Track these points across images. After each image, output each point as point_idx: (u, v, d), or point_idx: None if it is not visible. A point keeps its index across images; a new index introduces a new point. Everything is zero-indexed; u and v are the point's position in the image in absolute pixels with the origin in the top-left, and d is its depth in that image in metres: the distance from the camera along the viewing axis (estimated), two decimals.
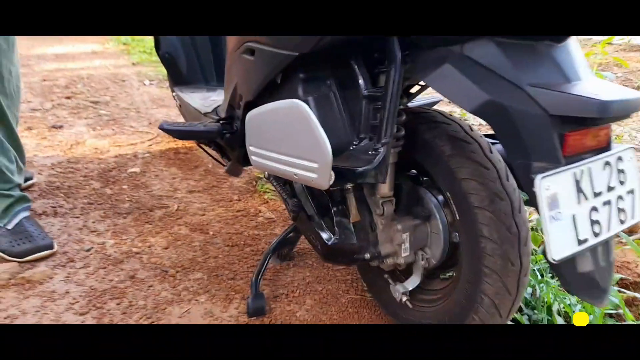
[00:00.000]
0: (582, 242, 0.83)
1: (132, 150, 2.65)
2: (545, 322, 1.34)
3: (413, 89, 1.20)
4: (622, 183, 0.88)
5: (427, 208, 1.16)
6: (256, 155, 1.11)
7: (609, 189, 0.87)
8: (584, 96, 0.77)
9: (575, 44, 0.90)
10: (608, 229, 0.86)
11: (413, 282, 1.22)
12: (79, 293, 1.49)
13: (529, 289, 1.42)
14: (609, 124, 0.87)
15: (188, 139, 1.55)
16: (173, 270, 1.60)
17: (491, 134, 1.26)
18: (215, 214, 1.99)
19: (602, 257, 0.88)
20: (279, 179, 1.28)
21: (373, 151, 0.95)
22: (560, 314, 1.37)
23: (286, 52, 1.02)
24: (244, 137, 1.21)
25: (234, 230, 1.87)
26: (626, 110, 0.80)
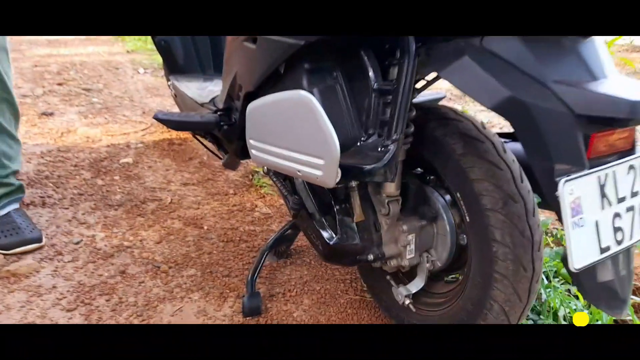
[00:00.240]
0: (605, 250, 0.78)
1: (124, 140, 2.57)
2: None
3: (418, 83, 1.15)
4: None
5: (434, 208, 1.11)
6: (256, 149, 1.05)
7: (633, 194, 0.82)
8: (613, 95, 0.72)
9: (600, 39, 0.85)
10: (631, 237, 0.81)
11: (417, 285, 1.17)
12: (66, 288, 1.42)
13: None
14: (635, 125, 0.82)
15: (183, 129, 1.49)
16: (165, 266, 1.54)
17: (503, 133, 1.21)
18: (210, 208, 1.93)
19: (623, 265, 0.83)
20: (278, 174, 1.22)
21: (382, 148, 0.89)
22: (565, 319, 1.33)
23: (291, 41, 0.96)
24: (243, 129, 1.15)
25: (229, 225, 1.81)
26: None
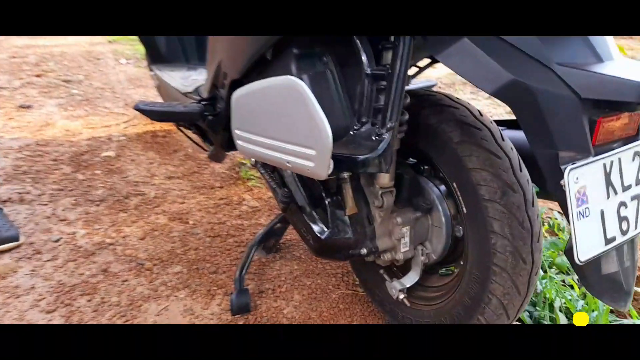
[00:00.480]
0: (610, 240, 0.75)
1: (106, 132, 2.49)
2: (547, 319, 1.27)
3: (410, 70, 1.10)
4: None
5: (428, 199, 1.07)
6: (243, 139, 0.99)
7: (638, 182, 0.78)
8: (620, 78, 0.68)
9: None
10: (636, 226, 0.78)
11: (411, 279, 1.13)
12: (45, 288, 1.36)
13: None
14: None
15: (166, 120, 1.42)
16: (150, 263, 1.48)
17: (499, 120, 1.17)
18: (195, 202, 1.87)
19: (628, 256, 0.80)
20: (266, 166, 1.17)
21: (377, 137, 0.85)
22: (561, 310, 1.30)
23: None
24: (229, 119, 1.09)
25: (215, 219, 1.75)
26: None
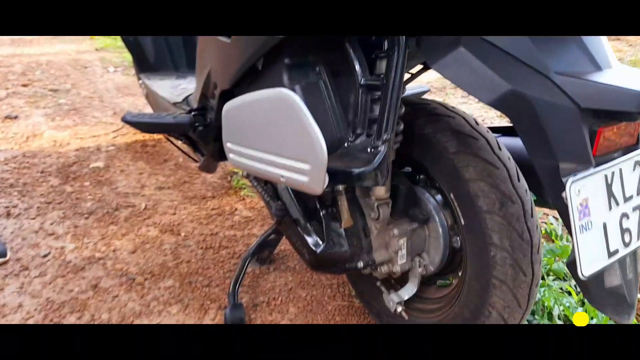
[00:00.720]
0: (613, 253, 0.73)
1: (95, 142, 2.45)
2: None
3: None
4: None
5: (425, 210, 1.05)
6: (235, 153, 0.97)
7: (639, 192, 0.77)
8: (621, 87, 0.67)
9: None
10: (638, 237, 0.77)
11: (409, 291, 1.11)
12: (33, 306, 1.32)
13: None
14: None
15: (156, 132, 1.40)
16: (141, 278, 1.45)
17: (493, 128, 1.16)
18: (187, 212, 1.84)
19: (630, 268, 0.78)
20: (260, 178, 1.14)
21: (372, 149, 0.83)
22: (560, 318, 1.29)
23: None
24: (219, 129, 1.07)
25: (208, 230, 1.72)
26: None
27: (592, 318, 1.27)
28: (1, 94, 3.08)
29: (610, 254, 0.72)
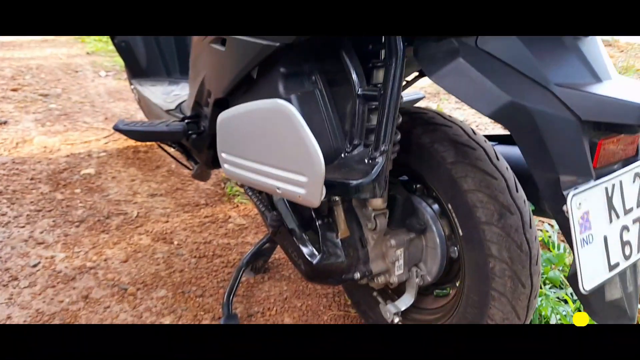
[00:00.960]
0: (614, 267, 0.72)
1: (85, 148, 2.42)
2: None
3: None
4: None
5: (422, 220, 1.03)
6: (229, 163, 0.95)
7: (639, 204, 0.76)
8: (621, 100, 0.66)
9: (598, 37, 0.79)
10: (638, 250, 0.76)
11: (406, 302, 1.10)
12: (23, 318, 1.29)
13: None
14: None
15: (148, 140, 1.38)
16: (133, 288, 1.43)
17: (489, 136, 1.15)
18: (180, 220, 1.81)
19: (630, 281, 0.78)
20: (254, 188, 1.12)
21: (370, 160, 0.81)
22: None
23: (265, 42, 0.87)
24: (213, 137, 1.05)
25: (201, 239, 1.70)
26: None
27: None
28: None
29: (611, 268, 0.72)
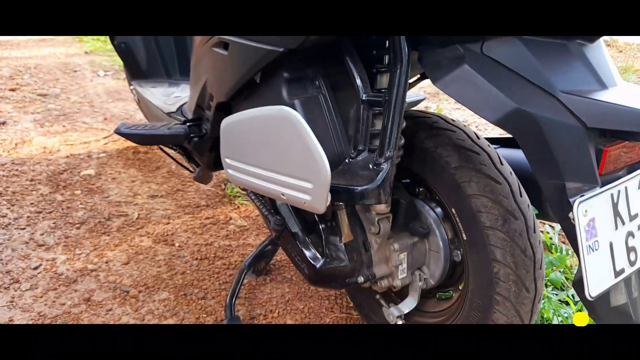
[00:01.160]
0: (619, 273, 0.72)
1: (85, 149, 2.41)
2: None
3: None
4: None
5: (425, 223, 1.04)
6: (233, 168, 0.95)
7: None
8: (627, 107, 0.66)
9: (603, 43, 0.79)
10: None
11: (409, 305, 1.10)
12: (25, 321, 1.29)
13: None
14: None
15: (151, 144, 1.37)
16: (135, 290, 1.42)
17: (490, 138, 1.15)
18: (181, 222, 1.81)
19: (635, 286, 0.78)
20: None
21: (374, 166, 0.81)
22: None
23: (268, 47, 0.86)
24: (214, 140, 1.05)
25: (202, 240, 1.69)
26: None
27: None
28: None
29: (616, 274, 0.72)
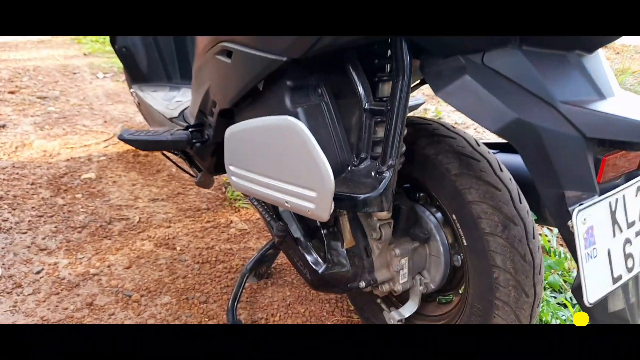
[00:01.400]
0: (617, 279, 0.74)
1: (85, 152, 2.42)
2: None
3: None
4: None
5: (426, 229, 1.05)
6: (237, 176, 0.96)
7: None
8: (625, 118, 0.67)
9: (601, 52, 0.81)
10: None
11: (410, 309, 1.12)
12: None
13: None
14: None
15: (153, 149, 1.38)
16: (137, 294, 1.43)
17: (488, 143, 1.16)
18: (182, 225, 1.82)
19: (633, 292, 0.79)
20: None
21: (377, 174, 0.82)
22: None
23: (272, 57, 0.88)
24: (217, 145, 1.06)
25: (203, 244, 1.71)
26: None
27: None
28: None
29: (614, 280, 0.73)
